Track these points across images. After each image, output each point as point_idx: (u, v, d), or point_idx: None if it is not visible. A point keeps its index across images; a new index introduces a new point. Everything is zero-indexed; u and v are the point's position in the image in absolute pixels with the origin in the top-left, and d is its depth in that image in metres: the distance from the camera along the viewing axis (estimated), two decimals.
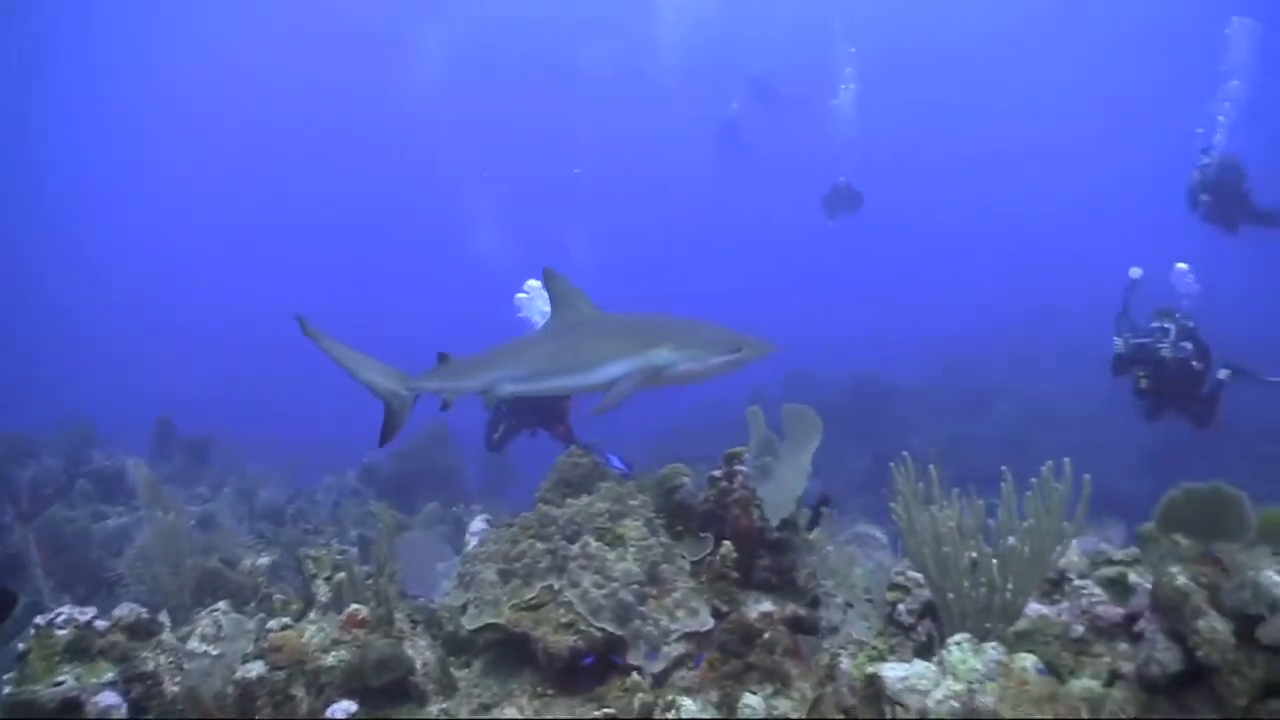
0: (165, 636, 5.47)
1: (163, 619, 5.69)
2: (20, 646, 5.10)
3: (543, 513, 5.81)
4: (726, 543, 5.43)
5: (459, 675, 5.35)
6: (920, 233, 58.21)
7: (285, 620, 5.65)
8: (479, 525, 6.70)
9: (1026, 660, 3.71)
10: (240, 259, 63.51)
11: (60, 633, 5.13)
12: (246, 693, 4.97)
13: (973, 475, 4.52)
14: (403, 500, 15.20)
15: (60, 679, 4.86)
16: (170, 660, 5.30)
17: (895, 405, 25.19)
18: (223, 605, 6.02)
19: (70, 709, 4.71)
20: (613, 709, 4.70)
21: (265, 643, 5.28)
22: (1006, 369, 28.58)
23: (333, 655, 5.09)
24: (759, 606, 5.34)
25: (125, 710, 4.86)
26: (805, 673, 4.84)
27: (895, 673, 3.75)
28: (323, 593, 5.97)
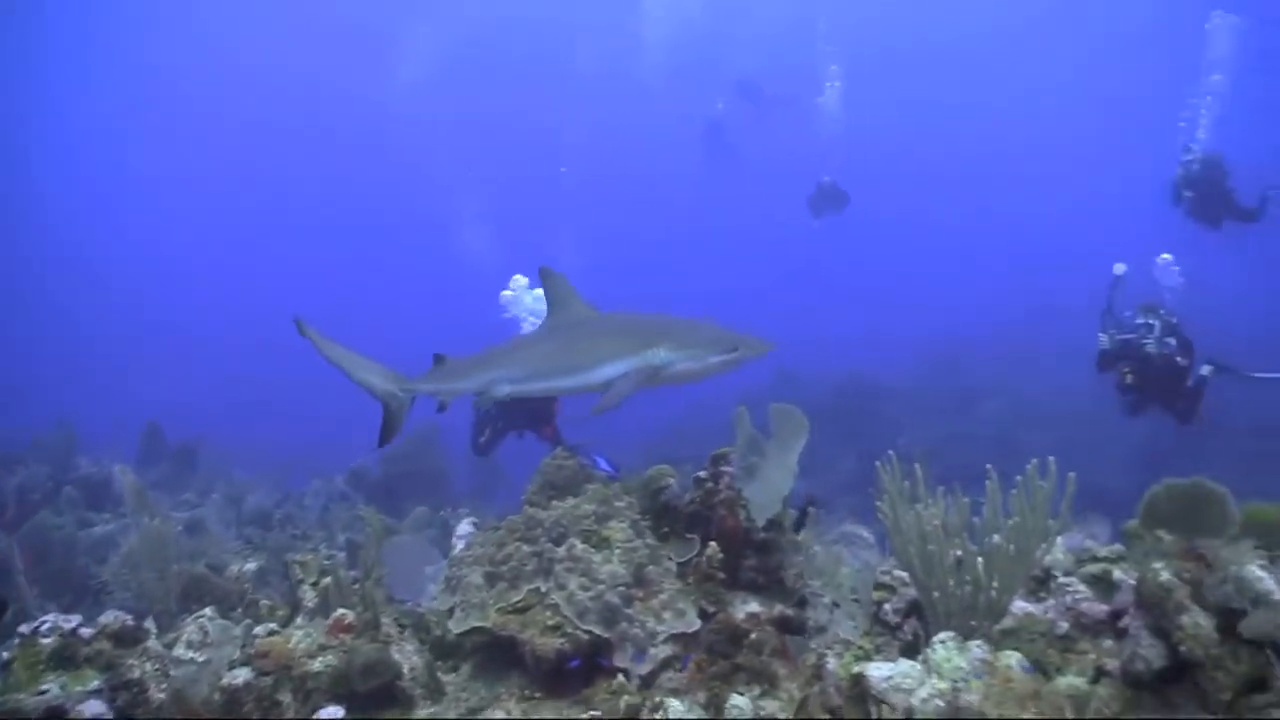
0: (151, 644, 5.46)
1: (148, 626, 5.67)
2: (4, 655, 5.08)
3: (529, 515, 5.80)
4: (712, 544, 5.42)
5: (446, 679, 5.35)
6: (907, 231, 58.18)
7: (272, 626, 5.65)
8: (466, 528, 6.71)
9: (1011, 658, 3.72)
10: (229, 259, 63.16)
11: (45, 641, 5.11)
12: (233, 699, 4.96)
13: (962, 474, 4.53)
14: (391, 504, 15.16)
15: (45, 687, 4.85)
16: (156, 667, 5.29)
17: (884, 405, 25.16)
18: (209, 611, 6.00)
19: (55, 718, 4.69)
20: (600, 711, 4.70)
21: (252, 649, 5.27)
22: (996, 368, 28.57)
23: (319, 660, 5.09)
24: (746, 607, 5.34)
25: (111, 718, 4.84)
26: (793, 673, 4.84)
27: (880, 672, 3.76)
28: (309, 598, 5.95)
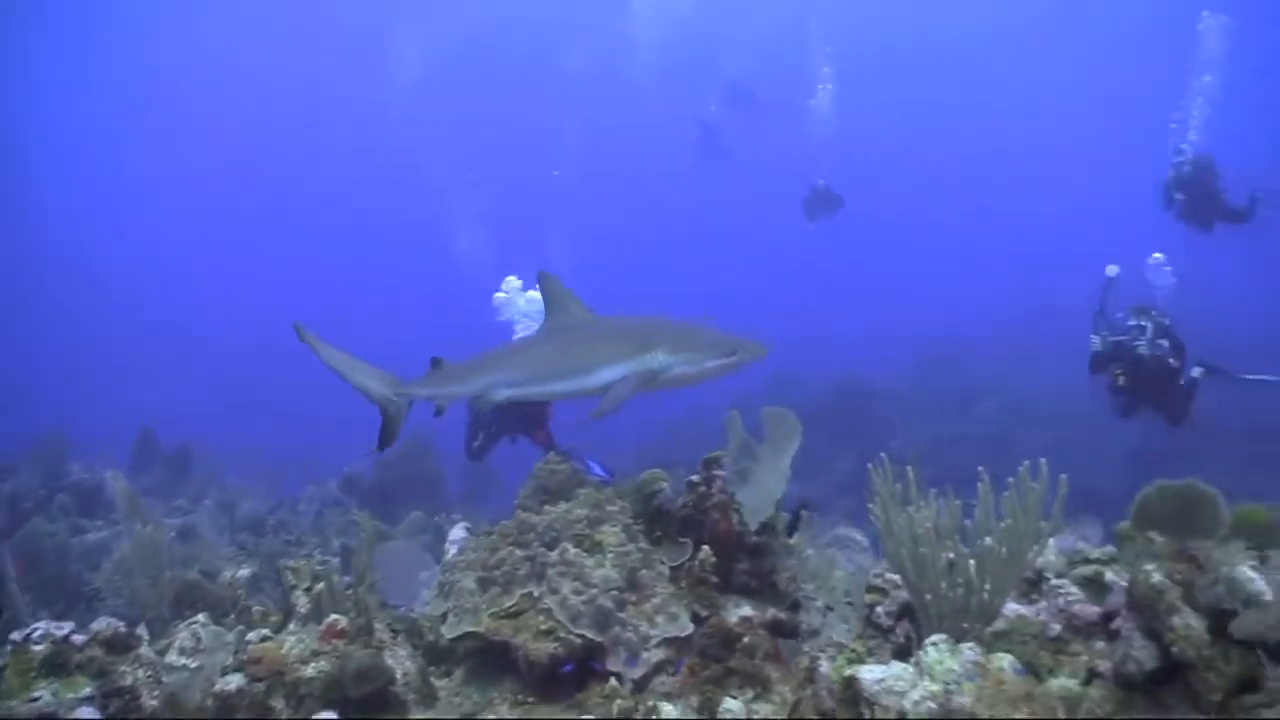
0: (143, 650, 5.44)
1: (141, 632, 5.66)
2: None
3: (521, 520, 5.80)
4: (705, 547, 5.42)
5: (439, 684, 5.35)
6: (900, 232, 58.20)
7: (265, 632, 5.64)
8: (459, 533, 6.71)
9: (1003, 660, 3.72)
10: (224, 259, 63.00)
11: (37, 648, 5.09)
12: (226, 705, 4.94)
13: (957, 475, 4.53)
14: (385, 509, 15.14)
15: (37, 694, 4.82)
16: (148, 674, 5.27)
17: (879, 406, 25.17)
18: (201, 618, 5.99)
19: None
20: (593, 715, 4.69)
21: (244, 655, 5.26)
22: (991, 369, 28.58)
23: (312, 666, 5.07)
24: (739, 611, 5.34)
25: None
26: (785, 676, 4.84)
27: (872, 675, 3.76)
28: (302, 604, 5.95)
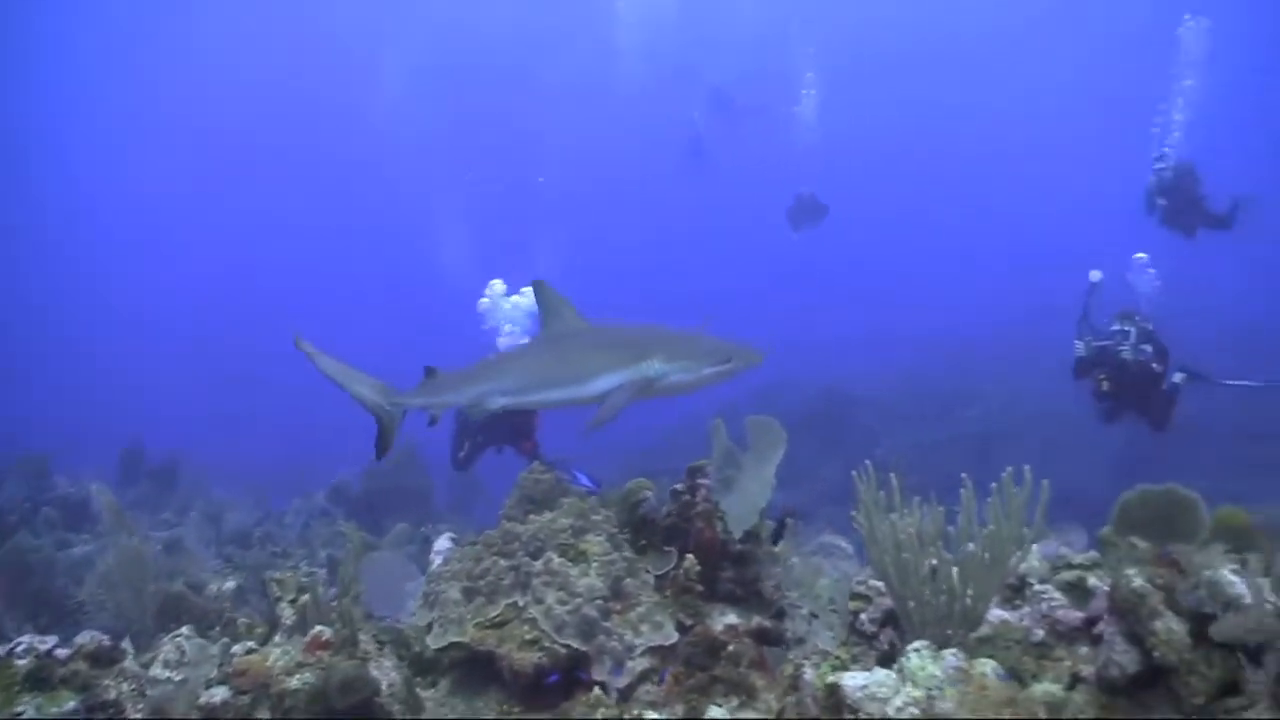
0: (128, 664, 5.44)
1: (125, 646, 5.65)
2: None
3: (506, 530, 5.80)
4: (689, 556, 5.42)
5: (425, 695, 5.34)
6: (885, 238, 58.36)
7: (250, 644, 5.62)
8: (444, 544, 6.70)
9: (986, 665, 3.73)
10: (209, 269, 63.11)
11: (20, 662, 5.08)
12: (211, 718, 4.94)
13: (943, 481, 4.53)
14: (372, 520, 15.14)
15: (20, 709, 4.82)
16: (133, 688, 5.27)
17: (865, 413, 25.21)
18: (186, 630, 5.97)
19: None
20: None
21: (229, 667, 5.25)
22: (976, 374, 28.64)
23: (297, 678, 5.05)
24: (724, 619, 5.34)
25: None
26: (770, 684, 4.85)
27: (855, 681, 3.76)
28: (287, 615, 5.93)
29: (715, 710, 4.60)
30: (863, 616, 4.76)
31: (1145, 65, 23.93)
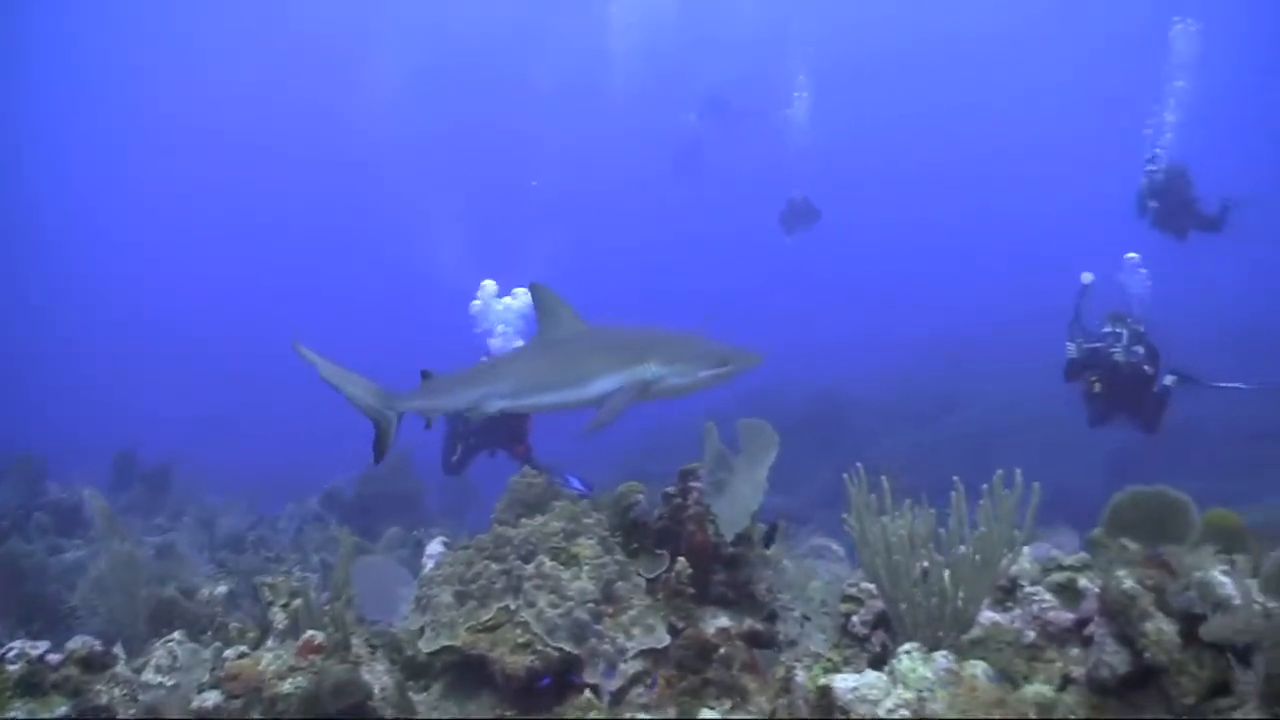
0: (120, 669, 5.42)
1: (117, 651, 5.63)
2: None
3: (498, 534, 5.79)
4: (681, 559, 5.42)
5: (417, 699, 5.33)
6: (879, 240, 58.41)
7: (242, 648, 5.61)
8: (436, 548, 6.70)
9: (977, 667, 3.73)
10: (201, 272, 63.03)
11: (11, 667, 5.07)
12: None
13: (937, 484, 4.53)
14: (366, 525, 15.11)
15: (11, 715, 4.81)
16: (125, 693, 5.25)
17: (859, 416, 25.24)
18: (178, 635, 5.96)
19: None
20: None
21: (221, 671, 5.24)
22: (971, 375, 28.66)
23: (289, 682, 5.04)
24: (716, 622, 5.34)
25: None
26: (762, 686, 4.85)
27: (846, 683, 3.77)
28: (279, 620, 5.92)
29: (707, 713, 4.60)
30: (854, 619, 4.76)
31: (1137, 68, 23.99)
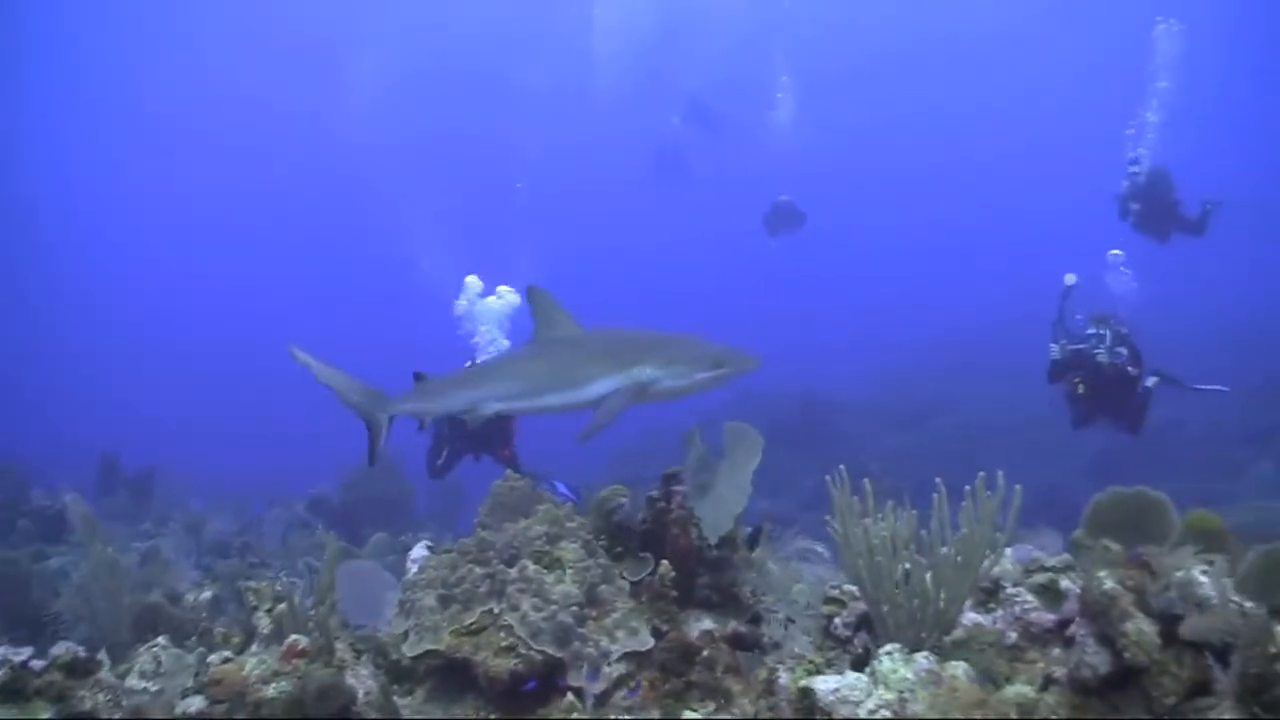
0: (103, 674, 5.41)
1: (101, 657, 5.62)
2: None
3: (481, 538, 5.79)
4: (664, 562, 5.42)
5: (402, 703, 5.33)
6: (865, 243, 58.57)
7: (226, 654, 5.60)
8: (420, 552, 6.68)
9: (958, 668, 3.75)
10: (187, 277, 63.02)
11: None
12: None
13: (927, 486, 4.54)
14: (352, 530, 15.12)
15: None
16: (109, 698, 5.25)
17: (846, 420, 25.26)
18: (162, 640, 5.95)
19: None
20: None
21: (205, 677, 5.23)
22: (958, 378, 28.75)
23: (273, 687, 5.03)
24: (700, 625, 5.34)
25: None
26: (746, 689, 4.86)
27: (827, 685, 3.78)
28: (264, 625, 5.91)
29: (690, 715, 4.61)
30: (837, 620, 4.78)
31: (1121, 69, 24.11)
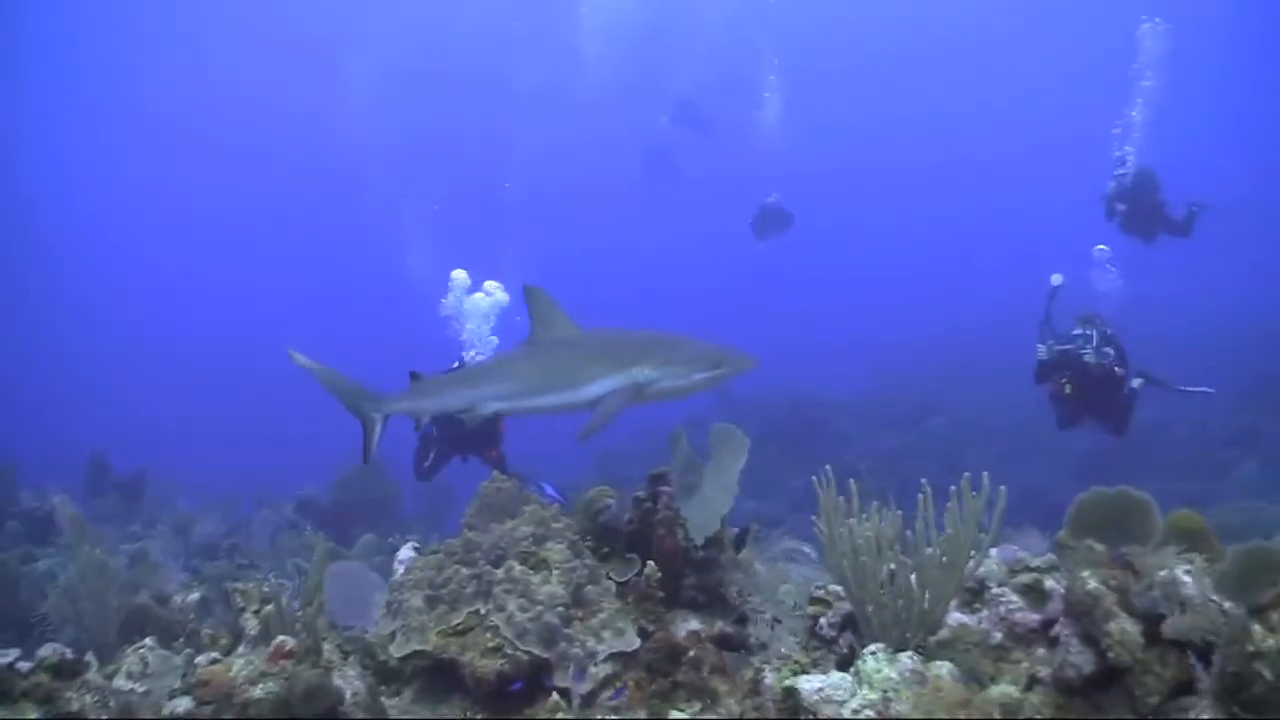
0: (91, 676, 5.40)
1: (89, 658, 5.61)
2: None
3: (467, 538, 5.79)
4: (650, 563, 5.43)
5: (389, 703, 5.33)
6: (854, 244, 58.61)
7: (214, 655, 5.60)
8: (407, 553, 6.68)
9: (942, 667, 3.76)
10: (179, 277, 62.91)
11: None
12: None
13: (915, 487, 4.55)
14: (341, 531, 15.11)
15: None
16: (95, 699, 5.24)
17: (834, 421, 25.26)
18: (149, 642, 5.94)
19: None
20: None
21: (192, 678, 5.23)
22: (946, 379, 28.79)
23: (260, 688, 5.04)
24: (686, 625, 5.35)
25: None
26: (732, 689, 4.87)
27: (812, 685, 3.80)
28: (251, 626, 5.91)
29: (677, 715, 4.62)
30: (822, 621, 4.79)
31: (1107, 68, 24.17)
